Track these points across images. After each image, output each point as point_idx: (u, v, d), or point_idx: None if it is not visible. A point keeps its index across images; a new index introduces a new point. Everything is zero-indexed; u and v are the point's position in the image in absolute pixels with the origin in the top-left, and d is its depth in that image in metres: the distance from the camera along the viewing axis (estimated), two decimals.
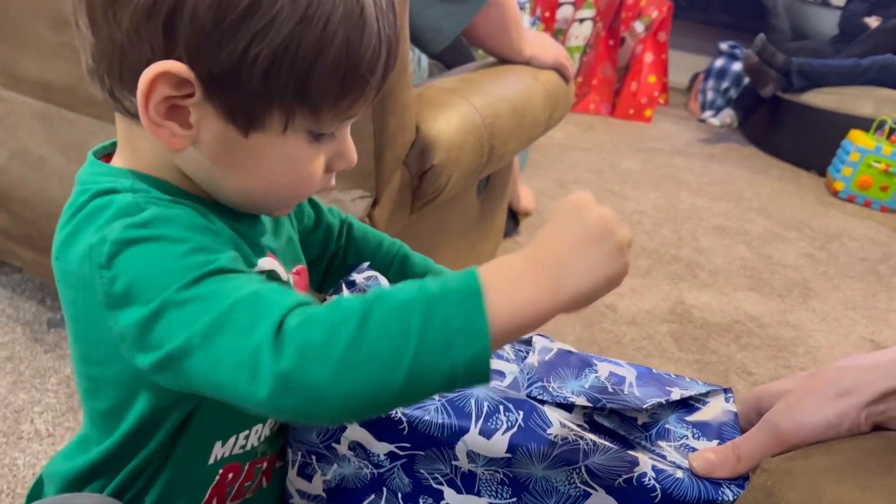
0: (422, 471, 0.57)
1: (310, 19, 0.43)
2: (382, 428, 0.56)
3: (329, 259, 0.71)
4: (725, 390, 0.60)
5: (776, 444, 0.50)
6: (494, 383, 0.57)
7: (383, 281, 0.65)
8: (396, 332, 0.38)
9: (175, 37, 0.43)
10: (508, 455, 0.52)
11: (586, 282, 0.42)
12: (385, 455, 0.57)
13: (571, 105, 1.45)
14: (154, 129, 0.46)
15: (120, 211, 0.45)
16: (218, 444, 0.57)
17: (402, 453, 0.57)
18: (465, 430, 0.53)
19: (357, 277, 0.64)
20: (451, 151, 1.03)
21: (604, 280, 0.43)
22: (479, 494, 0.55)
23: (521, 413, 0.53)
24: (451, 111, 1.06)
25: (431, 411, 0.54)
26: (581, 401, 0.56)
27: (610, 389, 0.57)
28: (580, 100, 3.69)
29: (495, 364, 0.60)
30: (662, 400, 0.57)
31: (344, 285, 0.63)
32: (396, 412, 0.55)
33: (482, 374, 0.39)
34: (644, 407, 0.56)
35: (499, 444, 0.52)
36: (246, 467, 0.60)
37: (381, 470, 0.58)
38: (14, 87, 1.21)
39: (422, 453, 0.56)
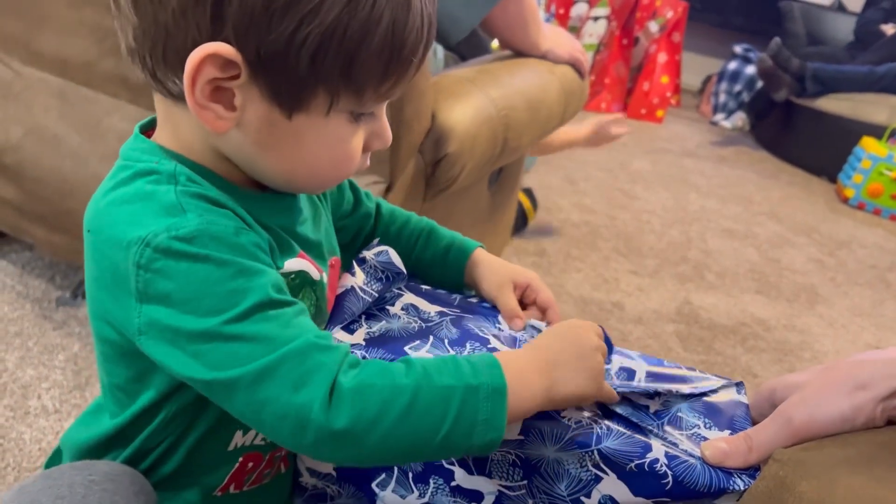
0: None
1: (357, 1, 0.43)
2: None
3: (362, 241, 0.72)
4: (737, 384, 0.60)
5: (789, 436, 0.50)
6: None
7: (393, 254, 0.65)
8: (437, 414, 0.46)
9: (223, 19, 0.43)
10: (521, 437, 0.53)
11: (570, 391, 0.51)
12: None
13: (586, 100, 1.45)
14: (199, 111, 0.46)
15: (163, 209, 0.45)
16: (238, 432, 0.57)
17: None
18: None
19: (367, 254, 0.65)
20: (466, 141, 1.03)
21: (581, 394, 0.52)
22: (490, 475, 0.56)
23: None
24: (467, 101, 1.06)
25: None
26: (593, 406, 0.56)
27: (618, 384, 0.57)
28: (592, 98, 3.68)
29: (505, 349, 0.60)
30: (673, 388, 0.57)
31: (356, 263, 0.64)
32: None
33: (491, 451, 0.48)
34: (656, 389, 0.56)
35: (513, 426, 0.52)
36: (267, 457, 0.60)
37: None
38: (32, 62, 1.22)
39: None
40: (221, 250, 0.45)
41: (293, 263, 0.54)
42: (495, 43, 1.60)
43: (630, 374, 0.60)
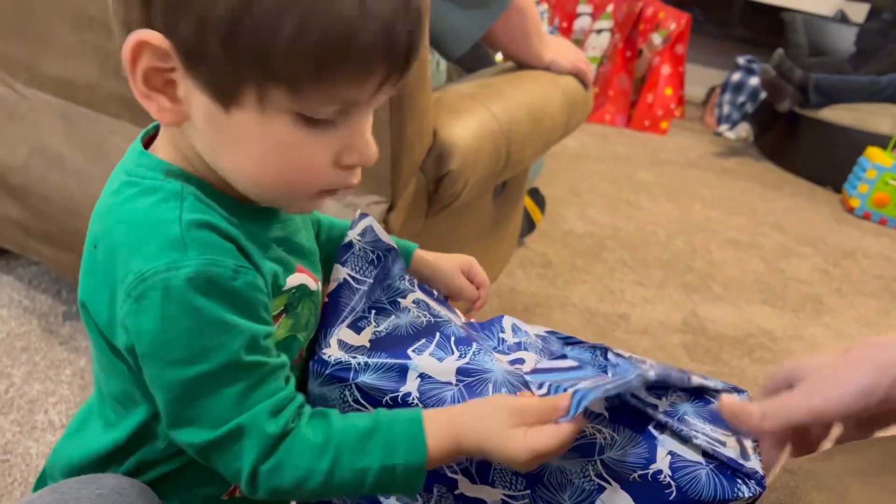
0: None
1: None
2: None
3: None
4: (738, 390, 0.60)
5: (806, 412, 0.51)
6: (514, 367, 0.57)
7: (377, 228, 0.64)
8: (351, 488, 0.51)
9: (151, 5, 0.42)
10: None
11: (485, 452, 0.52)
12: None
13: (590, 111, 1.45)
14: (144, 102, 0.45)
15: (166, 243, 0.46)
16: None
17: None
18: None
19: (352, 236, 0.64)
20: (468, 157, 1.03)
21: (510, 461, 0.52)
22: (493, 485, 0.56)
23: None
24: (469, 117, 1.06)
25: (448, 397, 0.55)
26: (599, 408, 0.55)
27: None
28: (596, 110, 3.69)
29: (516, 354, 0.60)
30: (684, 376, 0.57)
31: (342, 251, 0.64)
32: (413, 398, 0.56)
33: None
34: (658, 375, 0.55)
35: None
36: None
37: None
38: (36, 84, 1.23)
39: None
40: (213, 298, 0.46)
41: (294, 279, 0.54)
42: (499, 55, 1.61)
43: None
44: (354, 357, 0.58)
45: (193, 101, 0.45)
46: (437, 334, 0.59)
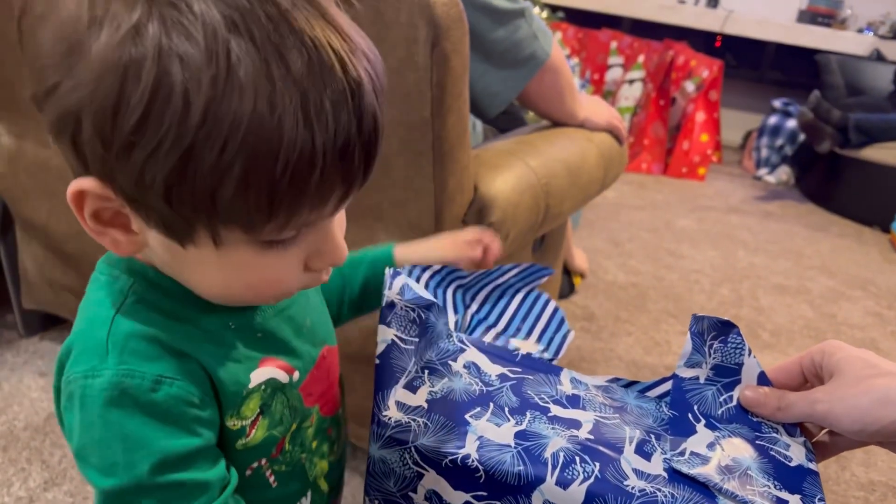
0: None
1: (202, 144, 0.37)
2: (459, 477, 0.56)
3: (342, 303, 0.71)
4: (808, 448, 0.58)
5: (809, 416, 0.56)
6: (570, 432, 0.57)
7: (413, 285, 0.64)
8: None
9: (84, 156, 0.40)
10: None
11: None
12: None
13: (625, 165, 1.46)
14: (98, 238, 0.44)
15: (89, 348, 0.45)
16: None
17: (477, 503, 0.56)
18: (541, 480, 0.52)
19: (391, 296, 0.63)
20: (508, 210, 1.04)
21: None
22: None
23: (598, 465, 0.53)
24: (508, 171, 1.08)
25: (507, 459, 0.54)
26: (657, 469, 0.55)
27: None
28: (632, 159, 3.69)
29: (573, 412, 0.60)
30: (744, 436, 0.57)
31: (385, 311, 0.62)
32: (472, 461, 0.55)
33: None
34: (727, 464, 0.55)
35: (575, 494, 0.51)
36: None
37: None
38: None
39: (497, 502, 0.56)
40: (127, 411, 0.44)
41: (258, 375, 0.51)
42: (531, 113, 1.63)
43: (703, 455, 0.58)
44: (414, 419, 0.57)
45: (148, 233, 0.44)
46: (491, 404, 0.59)
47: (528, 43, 1.11)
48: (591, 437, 0.56)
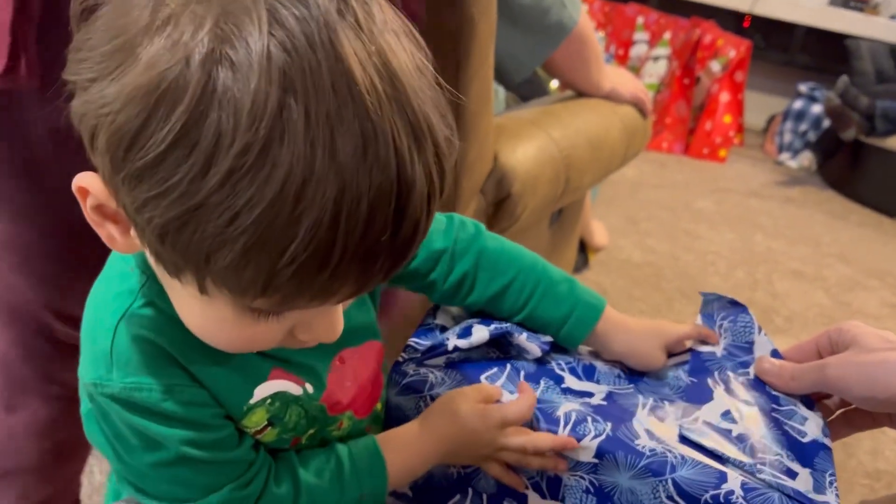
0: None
1: (211, 209, 0.33)
2: None
3: (450, 291, 0.63)
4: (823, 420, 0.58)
5: (829, 387, 0.55)
6: (583, 400, 0.57)
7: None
8: None
9: (94, 156, 0.37)
10: (596, 461, 0.53)
11: (466, 461, 0.58)
12: None
13: (648, 140, 1.44)
14: (96, 228, 0.41)
15: (96, 355, 0.46)
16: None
17: None
18: (553, 434, 0.54)
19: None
20: (528, 181, 1.03)
21: (479, 461, 0.57)
22: (562, 501, 0.56)
23: (610, 424, 0.54)
24: (529, 142, 1.06)
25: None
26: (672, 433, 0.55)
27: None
28: (653, 137, 3.65)
29: (580, 385, 0.60)
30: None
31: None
32: None
33: None
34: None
35: (587, 448, 0.53)
36: None
37: (468, 470, 0.59)
38: None
39: None
40: (141, 416, 0.45)
41: (264, 389, 0.50)
42: (554, 83, 1.61)
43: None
44: (432, 372, 0.59)
45: (144, 246, 0.39)
46: (508, 366, 0.60)
47: (556, 10, 1.09)
48: (605, 403, 0.57)
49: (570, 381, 0.60)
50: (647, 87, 3.68)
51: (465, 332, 0.61)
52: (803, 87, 3.78)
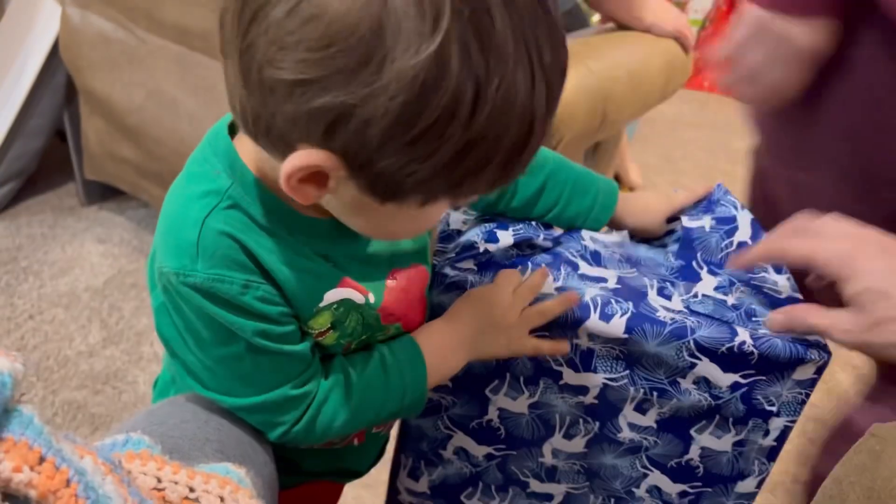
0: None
1: (476, 143, 0.40)
2: (483, 434, 0.69)
3: (494, 199, 0.69)
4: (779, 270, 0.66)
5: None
6: (600, 285, 0.63)
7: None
8: (370, 420, 0.59)
9: (334, 137, 0.40)
10: (626, 336, 0.59)
11: (493, 353, 0.61)
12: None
13: (689, 76, 1.42)
14: (290, 192, 0.44)
15: (181, 246, 0.48)
16: None
17: (497, 454, 0.69)
18: (585, 318, 0.60)
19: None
20: (564, 113, 1.03)
21: (505, 353, 0.62)
22: (595, 371, 0.63)
23: (631, 303, 0.60)
24: (568, 72, 1.06)
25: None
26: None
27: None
28: (695, 76, 3.57)
29: (593, 271, 0.66)
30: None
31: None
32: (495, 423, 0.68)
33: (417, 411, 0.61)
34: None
35: (617, 326, 0.59)
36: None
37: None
38: (155, 30, 1.29)
39: (514, 452, 0.69)
40: (219, 308, 0.49)
41: (333, 295, 0.54)
42: (595, 17, 1.59)
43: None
44: (469, 273, 0.64)
45: (343, 191, 0.45)
46: (530, 263, 0.65)
47: None
48: (619, 286, 0.63)
49: (585, 268, 0.65)
50: (692, 22, 3.58)
51: (491, 237, 0.67)
52: None
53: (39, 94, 1.51)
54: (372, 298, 0.56)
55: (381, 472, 1.00)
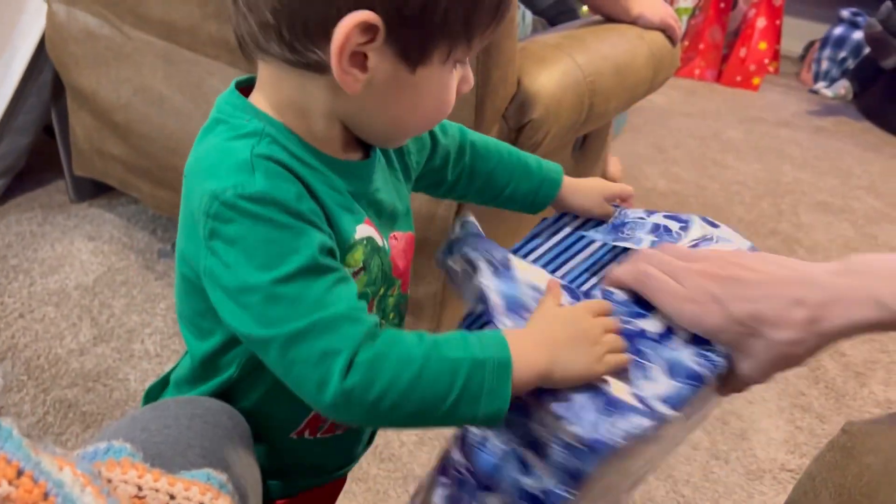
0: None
1: None
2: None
3: (453, 182, 0.73)
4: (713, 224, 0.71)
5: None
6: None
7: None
8: (445, 383, 0.49)
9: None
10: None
11: (569, 374, 0.54)
12: None
13: (676, 68, 1.43)
14: (343, 77, 0.48)
15: (235, 166, 0.49)
16: None
17: None
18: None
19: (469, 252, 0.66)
20: (551, 107, 1.04)
21: (579, 377, 0.54)
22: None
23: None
24: (554, 67, 1.06)
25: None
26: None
27: None
28: (685, 64, 3.57)
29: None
30: None
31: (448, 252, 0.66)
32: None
33: (497, 423, 0.52)
34: None
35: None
36: None
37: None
38: (140, 26, 1.29)
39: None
40: (280, 213, 0.48)
41: (362, 230, 0.56)
42: (584, 7, 1.59)
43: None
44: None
45: (380, 69, 0.50)
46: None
47: None
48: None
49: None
50: (681, 11, 3.58)
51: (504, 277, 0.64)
52: (845, 13, 3.65)
53: (27, 91, 1.51)
54: (386, 245, 0.60)
55: (370, 466, 1.01)
